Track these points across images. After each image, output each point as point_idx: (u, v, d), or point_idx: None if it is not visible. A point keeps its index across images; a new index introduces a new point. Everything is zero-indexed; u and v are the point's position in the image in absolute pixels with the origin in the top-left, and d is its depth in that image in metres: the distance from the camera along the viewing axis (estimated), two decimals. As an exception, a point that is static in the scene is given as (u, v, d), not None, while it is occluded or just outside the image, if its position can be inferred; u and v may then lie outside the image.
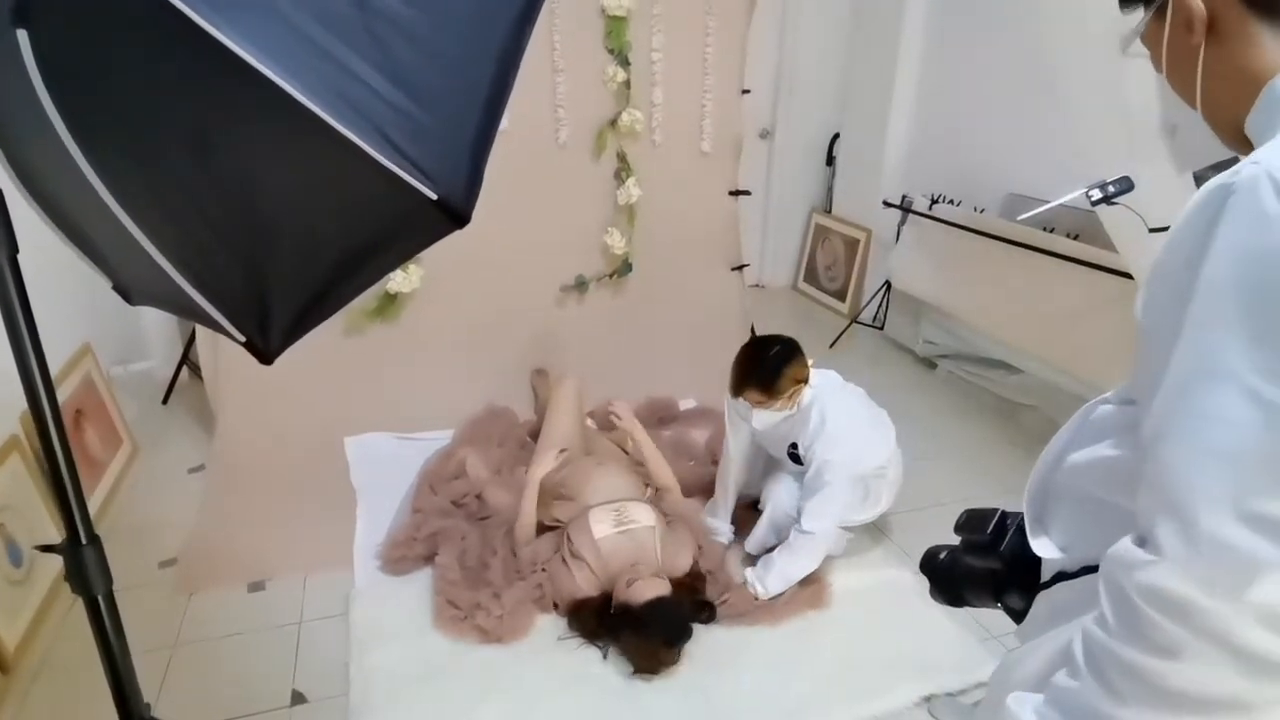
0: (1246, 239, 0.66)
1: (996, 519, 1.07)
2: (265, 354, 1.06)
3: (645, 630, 2.08)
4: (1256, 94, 0.75)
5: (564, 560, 2.31)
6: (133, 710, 1.13)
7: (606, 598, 2.20)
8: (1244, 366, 0.65)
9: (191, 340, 3.46)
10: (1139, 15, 0.83)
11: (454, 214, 0.93)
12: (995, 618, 2.34)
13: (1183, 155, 1.73)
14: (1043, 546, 0.96)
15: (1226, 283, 0.67)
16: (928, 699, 2.02)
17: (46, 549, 1.06)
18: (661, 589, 2.15)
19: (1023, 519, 1.02)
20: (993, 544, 1.05)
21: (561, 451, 2.51)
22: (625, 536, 2.28)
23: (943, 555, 1.15)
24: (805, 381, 2.29)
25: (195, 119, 0.88)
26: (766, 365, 2.25)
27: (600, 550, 2.25)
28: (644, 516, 2.36)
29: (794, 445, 2.38)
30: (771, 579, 2.30)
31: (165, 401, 3.51)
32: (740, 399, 2.30)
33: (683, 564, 2.31)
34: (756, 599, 2.30)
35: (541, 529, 2.47)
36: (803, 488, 2.35)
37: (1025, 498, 1.02)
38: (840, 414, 2.30)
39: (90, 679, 1.85)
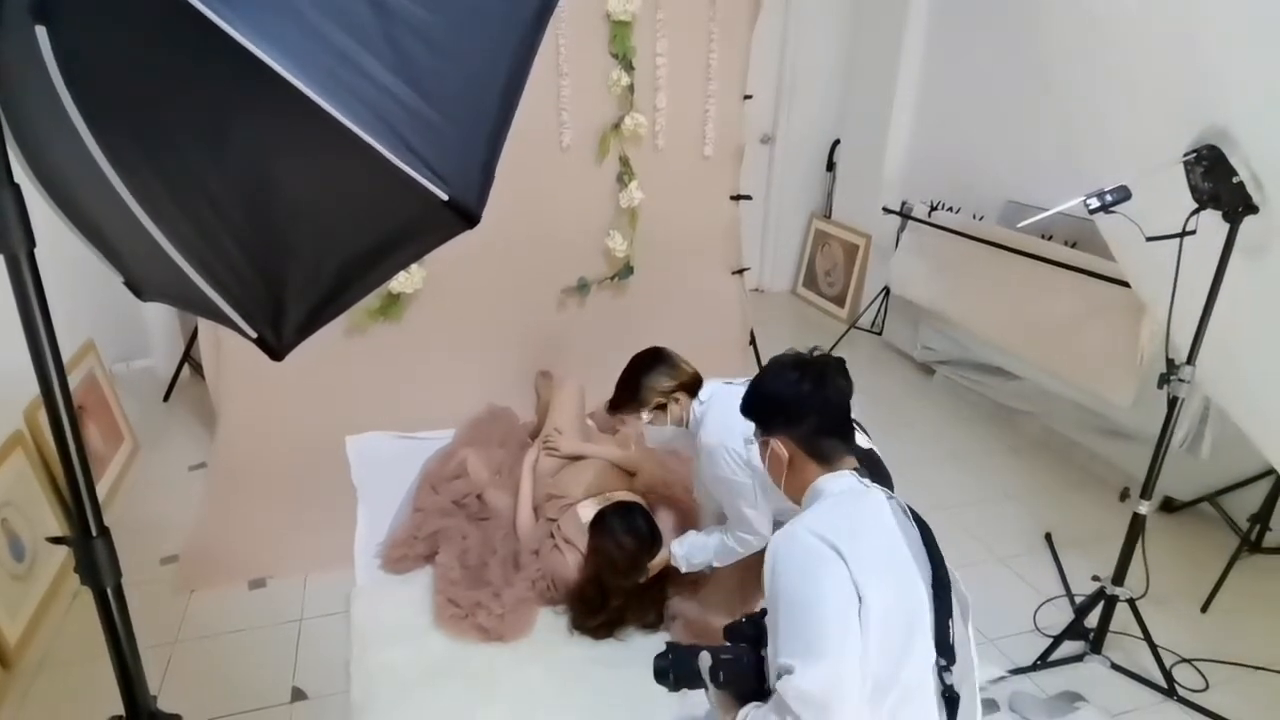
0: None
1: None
2: (276, 351, 1.07)
3: (609, 525, 2.22)
4: (807, 487, 1.47)
5: (556, 546, 2.36)
6: (139, 701, 1.14)
7: (599, 577, 2.24)
8: None
9: (193, 338, 3.47)
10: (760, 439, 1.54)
11: (465, 214, 0.95)
12: (990, 622, 2.36)
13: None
14: None
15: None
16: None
17: (57, 540, 1.07)
18: (631, 499, 2.37)
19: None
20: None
21: (555, 431, 2.70)
22: None
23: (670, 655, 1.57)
24: (682, 393, 2.16)
25: (212, 118, 0.89)
26: (626, 376, 2.21)
27: (587, 532, 2.30)
28: (629, 500, 2.44)
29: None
30: (680, 555, 2.19)
31: (166, 399, 3.52)
32: (620, 413, 2.25)
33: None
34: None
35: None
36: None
37: None
38: (715, 405, 2.09)
39: (91, 674, 1.86)
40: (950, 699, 1.32)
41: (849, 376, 1.51)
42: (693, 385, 2.19)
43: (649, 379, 2.17)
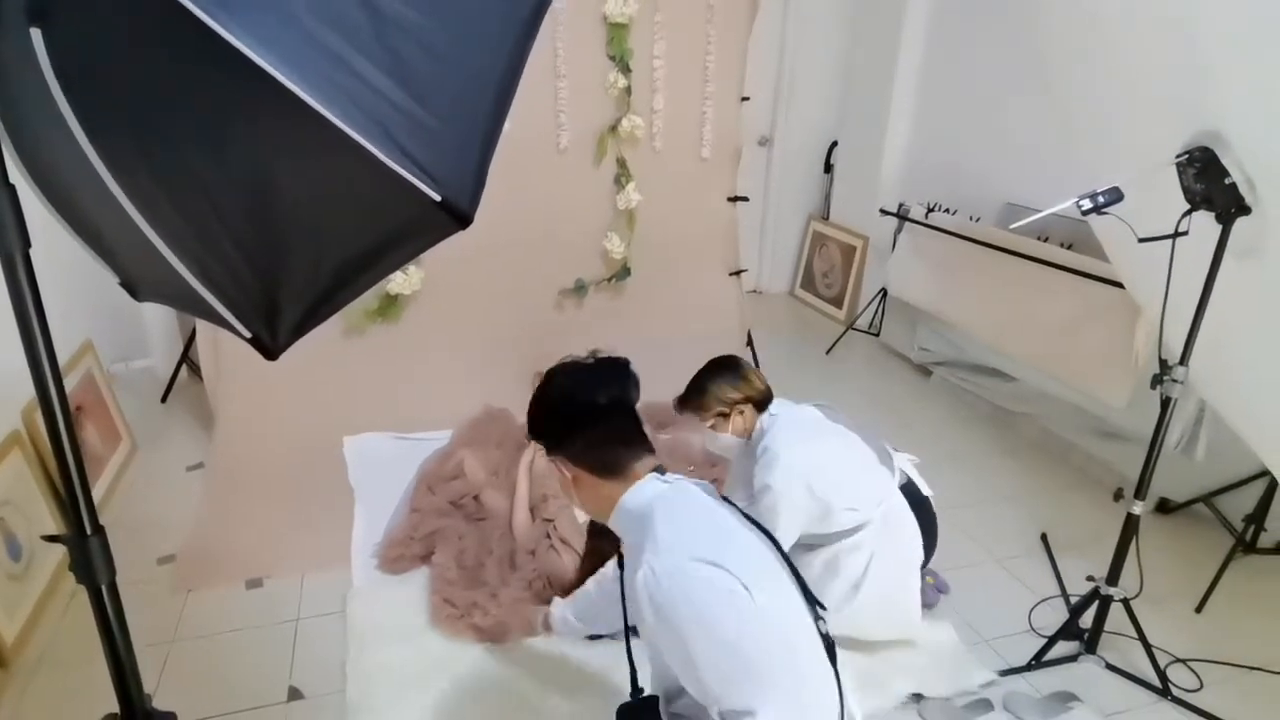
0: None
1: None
2: (271, 350, 1.08)
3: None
4: (612, 507, 1.41)
5: (552, 547, 2.37)
6: (134, 700, 1.14)
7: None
8: None
9: (192, 339, 3.48)
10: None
11: (458, 215, 0.96)
12: (986, 622, 2.37)
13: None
14: None
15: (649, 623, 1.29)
16: (918, 699, 2.04)
17: (52, 539, 1.08)
18: None
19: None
20: None
21: None
22: None
23: None
24: (749, 406, 2.14)
25: (207, 120, 0.90)
26: (695, 379, 2.20)
27: (585, 532, 2.32)
28: None
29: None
30: None
31: (165, 399, 3.52)
32: (684, 414, 2.22)
33: None
34: None
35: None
36: None
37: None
38: (787, 435, 2.08)
39: (89, 673, 1.87)
40: (829, 644, 1.38)
41: (629, 375, 1.43)
42: (761, 401, 2.16)
43: (715, 386, 2.16)
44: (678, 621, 1.25)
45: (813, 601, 1.39)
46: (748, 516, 1.45)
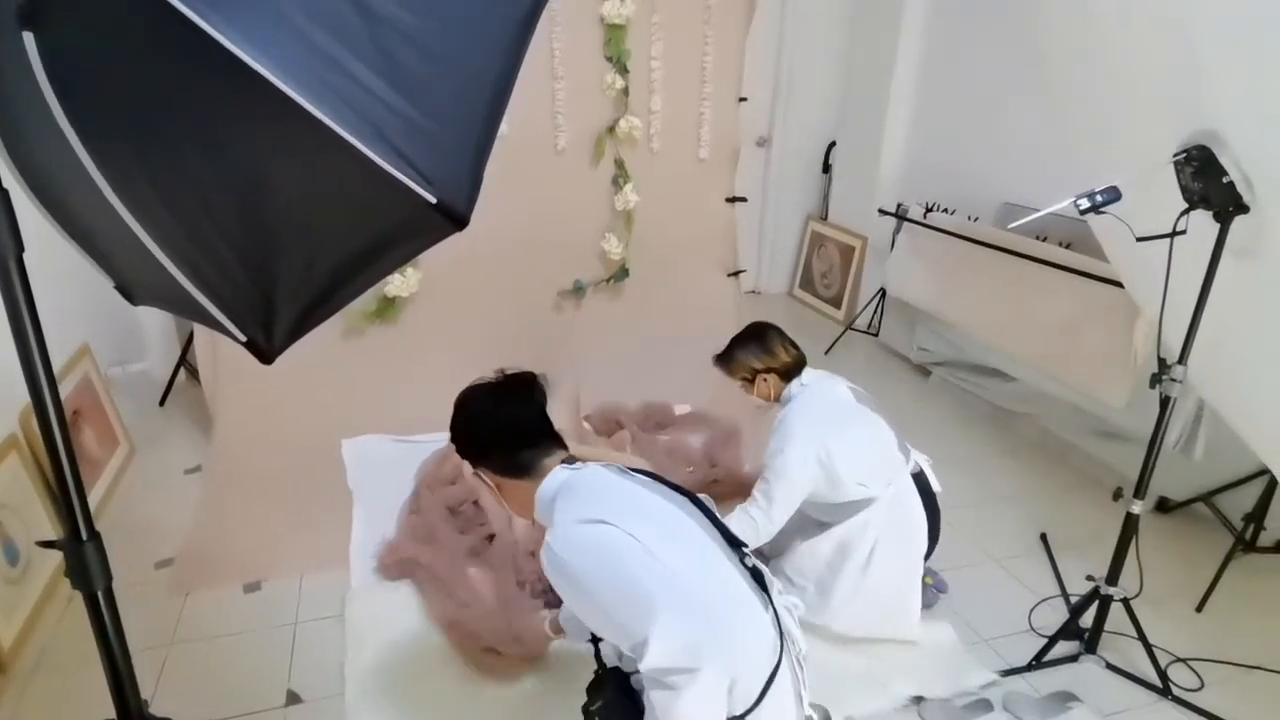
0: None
1: None
2: (267, 354, 1.07)
3: None
4: (530, 503, 1.54)
5: None
6: (130, 705, 1.14)
7: None
8: None
9: (189, 342, 3.47)
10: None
11: (453, 217, 0.95)
12: (986, 622, 2.36)
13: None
14: None
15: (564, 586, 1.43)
16: (918, 700, 2.03)
17: (48, 544, 1.08)
18: None
19: None
20: None
21: None
22: None
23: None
24: (773, 375, 2.24)
25: (200, 122, 0.89)
26: (729, 344, 2.31)
27: None
28: None
29: None
30: None
31: (162, 403, 3.52)
32: (719, 368, 2.35)
33: None
34: None
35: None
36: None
37: None
38: (808, 409, 2.17)
39: (86, 676, 1.87)
40: (758, 576, 1.50)
41: (534, 385, 1.61)
42: (787, 371, 2.25)
43: (742, 354, 2.27)
44: (576, 577, 1.39)
45: (736, 545, 1.52)
46: (660, 479, 1.58)
